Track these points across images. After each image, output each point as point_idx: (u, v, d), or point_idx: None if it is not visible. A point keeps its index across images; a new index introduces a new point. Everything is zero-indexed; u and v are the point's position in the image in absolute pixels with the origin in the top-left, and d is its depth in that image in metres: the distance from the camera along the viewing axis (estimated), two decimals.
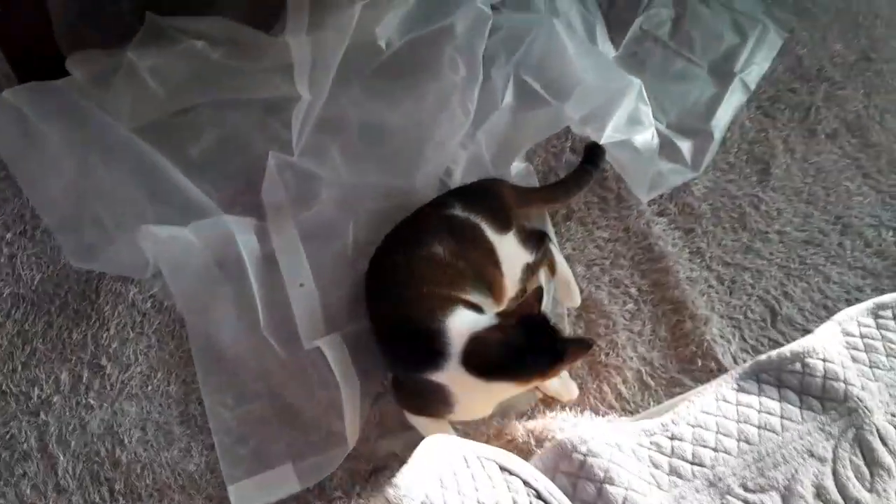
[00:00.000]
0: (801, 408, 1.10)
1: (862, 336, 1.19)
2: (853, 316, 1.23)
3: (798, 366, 1.14)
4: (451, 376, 1.38)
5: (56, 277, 1.81)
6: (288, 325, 1.68)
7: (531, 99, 1.92)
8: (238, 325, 1.68)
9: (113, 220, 1.75)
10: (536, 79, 1.91)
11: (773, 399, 1.12)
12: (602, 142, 1.90)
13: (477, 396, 1.43)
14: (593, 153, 1.95)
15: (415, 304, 1.47)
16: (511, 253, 1.67)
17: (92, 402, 1.67)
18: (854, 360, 1.15)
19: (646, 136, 1.90)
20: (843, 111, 2.22)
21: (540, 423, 1.57)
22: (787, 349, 1.15)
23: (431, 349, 1.39)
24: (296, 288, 1.69)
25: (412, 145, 1.84)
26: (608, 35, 2.24)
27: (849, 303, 1.85)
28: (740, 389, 1.15)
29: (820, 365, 1.13)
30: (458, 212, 1.65)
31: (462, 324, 1.41)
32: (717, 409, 1.11)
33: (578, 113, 1.90)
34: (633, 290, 1.88)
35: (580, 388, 1.72)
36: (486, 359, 1.36)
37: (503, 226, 1.67)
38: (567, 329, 1.79)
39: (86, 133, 1.76)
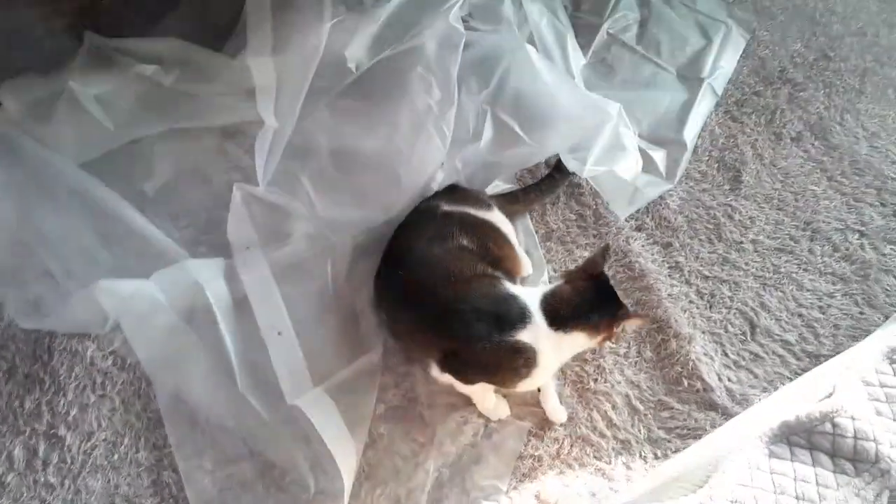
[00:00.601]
0: (834, 472, 1.09)
1: (882, 385, 1.18)
2: (870, 366, 1.21)
3: (828, 426, 1.12)
4: (535, 333, 1.44)
5: (1, 339, 1.63)
6: (267, 377, 1.56)
7: (508, 137, 1.85)
8: (211, 381, 1.56)
9: (62, 271, 1.58)
10: (513, 116, 1.84)
11: (807, 464, 1.11)
12: (585, 175, 1.88)
13: (553, 352, 1.48)
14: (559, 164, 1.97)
15: (474, 283, 1.53)
16: (506, 224, 1.78)
17: (51, 479, 1.51)
18: (878, 413, 1.14)
19: (629, 163, 1.85)
20: (805, 113, 2.25)
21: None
22: (816, 409, 1.13)
23: (514, 311, 1.46)
24: (273, 337, 1.56)
25: (388, 172, 1.72)
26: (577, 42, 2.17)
27: (821, 310, 1.90)
28: (772, 455, 1.12)
29: (850, 424, 1.11)
30: (451, 207, 1.71)
31: (523, 290, 1.53)
32: (753, 480, 1.08)
33: (558, 149, 1.88)
34: None
35: (570, 418, 1.70)
36: (564, 310, 1.45)
37: (487, 205, 1.77)
38: None
39: (24, 172, 1.59)
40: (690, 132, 2.08)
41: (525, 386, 1.53)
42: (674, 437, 1.69)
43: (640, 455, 1.67)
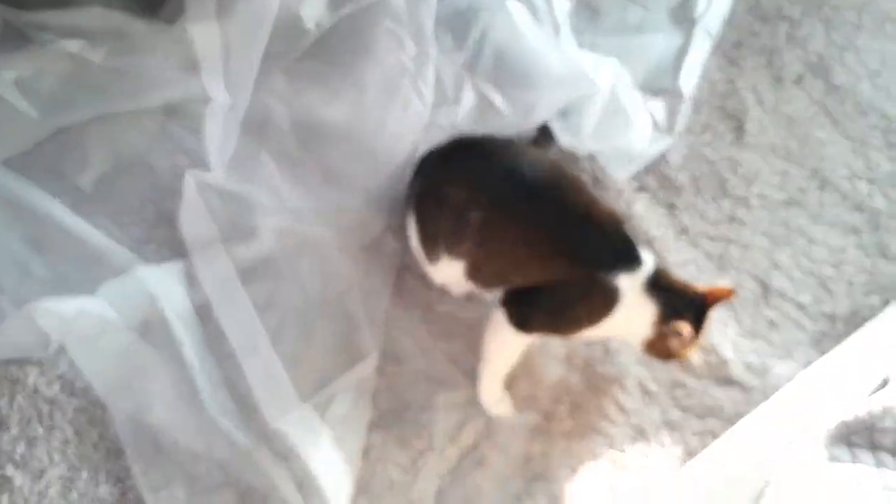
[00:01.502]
0: None
1: None
2: None
3: (890, 422, 0.98)
4: (633, 284, 1.36)
5: None
6: (238, 392, 1.38)
7: (490, 104, 1.65)
8: (175, 402, 1.35)
9: None
10: (493, 82, 1.64)
11: (870, 465, 0.97)
12: (583, 152, 1.72)
13: (628, 313, 1.38)
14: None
15: (595, 209, 1.39)
16: None
17: None
18: None
19: (637, 130, 1.69)
20: (805, 52, 2.09)
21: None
22: (876, 403, 0.99)
23: (632, 254, 1.37)
24: (248, 354, 1.35)
25: (361, 144, 1.51)
26: None
27: (834, 266, 1.78)
28: (833, 458, 0.98)
29: None
30: None
31: None
32: (814, 493, 0.94)
33: (546, 117, 1.71)
34: None
35: (579, 405, 1.55)
36: (665, 282, 1.39)
37: None
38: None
39: None
40: (687, 80, 1.91)
41: (598, 334, 1.44)
42: (691, 418, 1.56)
43: (657, 441, 1.54)
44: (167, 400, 1.35)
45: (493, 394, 1.49)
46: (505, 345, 1.44)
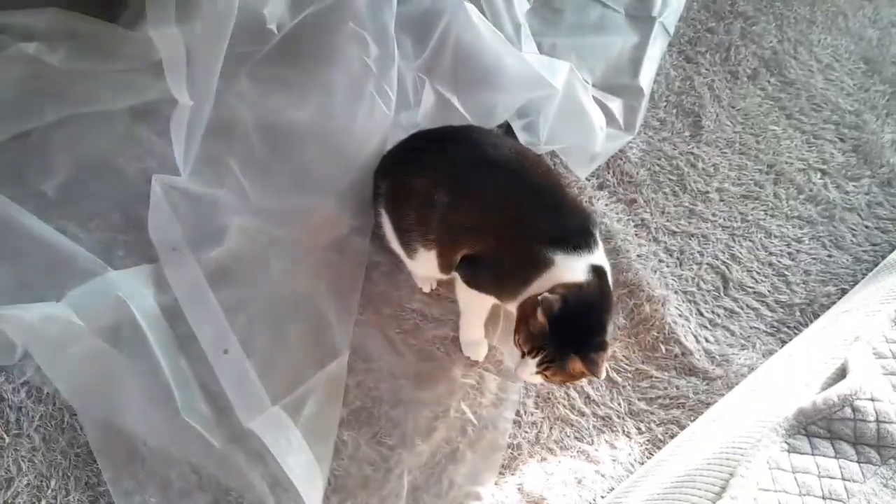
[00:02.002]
0: (859, 462, 0.99)
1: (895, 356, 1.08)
2: (879, 332, 1.11)
3: (848, 411, 1.01)
4: (569, 265, 1.30)
5: None
6: (210, 393, 1.38)
7: (449, 105, 1.67)
8: (147, 406, 1.35)
9: None
10: (452, 85, 1.65)
11: (829, 457, 1.00)
12: (541, 150, 1.72)
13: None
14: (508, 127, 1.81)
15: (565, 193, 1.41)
16: None
17: None
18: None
19: (592, 129, 1.70)
20: (759, 48, 2.14)
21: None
22: (832, 393, 1.02)
23: (592, 236, 1.35)
24: (219, 357, 1.35)
25: (328, 146, 1.52)
26: None
27: (791, 257, 1.84)
28: (792, 450, 1.01)
29: (870, 407, 1.01)
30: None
31: None
32: (775, 483, 0.97)
33: (505, 117, 1.73)
34: None
35: (546, 398, 1.58)
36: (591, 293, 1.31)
37: None
38: None
39: None
40: (646, 77, 1.94)
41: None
42: (656, 408, 1.60)
43: (623, 431, 1.58)
44: (139, 404, 1.34)
45: (469, 338, 1.55)
46: (469, 299, 1.47)
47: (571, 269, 1.30)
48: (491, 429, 1.52)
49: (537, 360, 1.28)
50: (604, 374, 1.31)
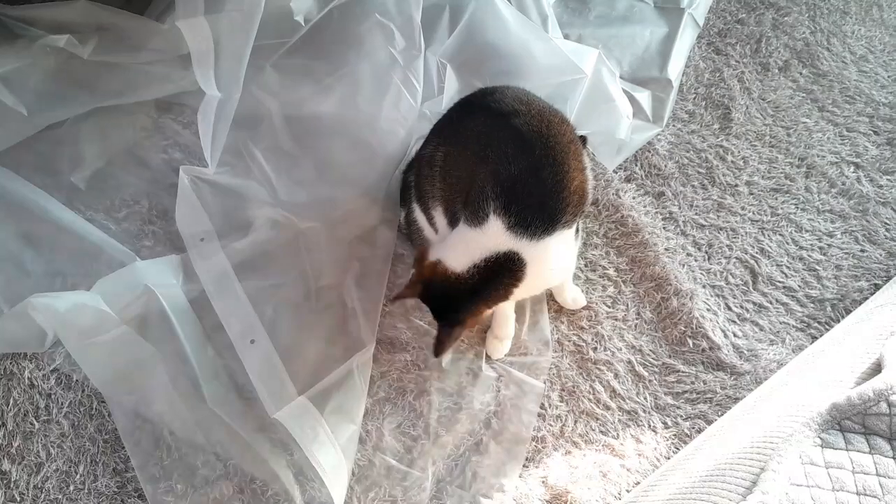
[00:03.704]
0: (894, 457, 0.97)
1: None
2: None
3: (883, 406, 0.99)
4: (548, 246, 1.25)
5: None
6: (236, 383, 1.39)
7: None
8: (174, 394, 1.36)
9: None
10: (477, 71, 1.62)
11: (864, 452, 0.98)
12: None
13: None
14: None
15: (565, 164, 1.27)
16: None
17: None
18: None
19: (619, 117, 1.67)
20: (791, 39, 2.10)
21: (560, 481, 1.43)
22: (868, 387, 1.00)
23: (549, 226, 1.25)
24: (246, 347, 1.37)
25: (353, 138, 1.52)
26: None
27: (822, 251, 1.80)
28: (825, 445, 0.99)
29: None
30: None
31: None
32: (807, 478, 0.95)
33: None
34: (611, 272, 1.72)
35: (572, 391, 1.57)
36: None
37: None
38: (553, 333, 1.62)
39: None
40: (674, 69, 1.92)
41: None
42: (682, 403, 1.58)
43: (650, 426, 1.56)
44: (166, 392, 1.36)
45: (498, 334, 1.55)
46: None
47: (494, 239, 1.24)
48: (515, 421, 1.51)
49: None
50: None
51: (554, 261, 1.31)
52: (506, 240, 1.24)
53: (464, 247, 1.26)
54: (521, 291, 1.30)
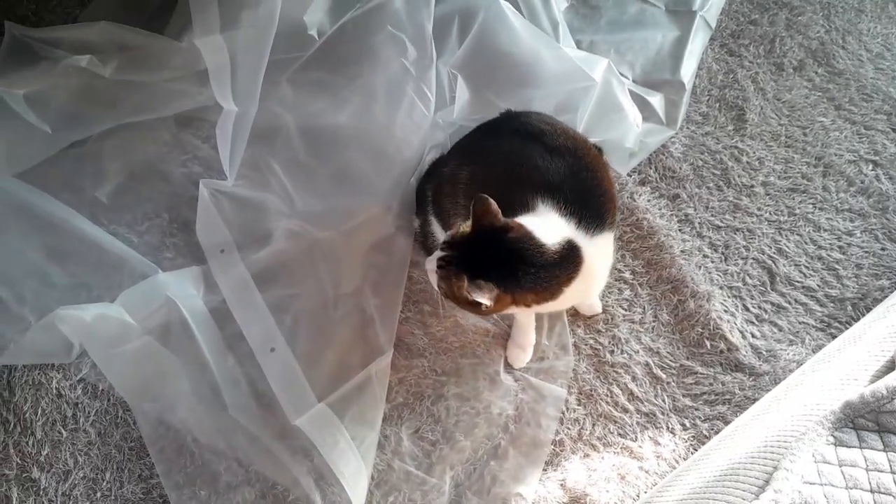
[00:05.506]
0: None
1: None
2: None
3: None
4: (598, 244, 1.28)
5: None
6: (256, 391, 1.42)
7: (484, 101, 1.65)
8: (196, 402, 1.40)
9: (13, 296, 1.41)
10: (488, 81, 1.64)
11: (878, 450, 0.98)
12: None
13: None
14: None
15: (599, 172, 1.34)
16: None
17: None
18: None
19: (628, 125, 1.68)
20: (806, 38, 2.10)
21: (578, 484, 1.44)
22: (881, 385, 1.00)
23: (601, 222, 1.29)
24: (266, 355, 1.40)
25: (369, 148, 1.55)
26: None
27: (841, 250, 1.79)
28: (839, 443, 0.99)
29: None
30: None
31: None
32: (820, 477, 0.95)
33: None
34: (627, 275, 1.72)
35: (589, 395, 1.57)
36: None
37: None
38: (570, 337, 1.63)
39: None
40: (687, 71, 1.92)
41: None
42: (701, 404, 1.58)
43: (668, 428, 1.56)
44: (188, 400, 1.39)
45: (519, 342, 1.57)
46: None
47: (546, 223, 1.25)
48: (534, 426, 1.52)
49: (442, 255, 1.23)
50: (471, 301, 1.19)
51: (605, 261, 1.35)
52: (570, 231, 1.25)
53: (546, 226, 1.24)
54: (571, 292, 1.28)
